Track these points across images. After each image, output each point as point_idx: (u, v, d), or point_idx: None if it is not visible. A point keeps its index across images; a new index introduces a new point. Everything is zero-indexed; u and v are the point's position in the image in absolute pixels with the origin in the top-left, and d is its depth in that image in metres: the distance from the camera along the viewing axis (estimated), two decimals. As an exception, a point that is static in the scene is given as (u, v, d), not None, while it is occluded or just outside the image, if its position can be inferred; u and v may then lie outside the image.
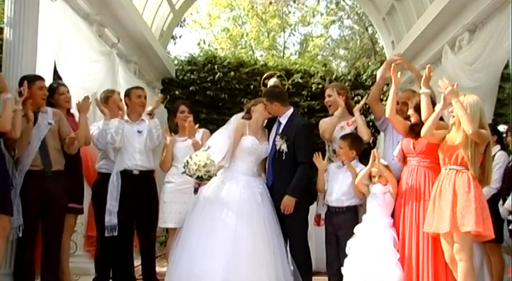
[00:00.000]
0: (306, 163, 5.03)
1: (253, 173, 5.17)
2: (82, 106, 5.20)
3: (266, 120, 5.37)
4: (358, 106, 5.25)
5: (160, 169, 5.64)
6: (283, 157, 5.03)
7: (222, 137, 5.17)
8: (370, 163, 4.74)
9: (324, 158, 5.21)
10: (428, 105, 4.46)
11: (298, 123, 5.18)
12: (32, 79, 4.78)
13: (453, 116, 4.31)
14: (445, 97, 4.26)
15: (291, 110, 5.28)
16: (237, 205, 4.90)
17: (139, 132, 5.41)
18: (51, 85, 5.23)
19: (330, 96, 5.38)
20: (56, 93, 5.20)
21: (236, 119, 5.33)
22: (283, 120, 5.19)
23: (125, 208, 5.20)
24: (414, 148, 4.61)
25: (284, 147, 5.02)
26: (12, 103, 4.43)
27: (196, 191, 5.06)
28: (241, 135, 5.15)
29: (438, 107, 4.36)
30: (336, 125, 5.22)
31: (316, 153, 5.10)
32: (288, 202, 4.93)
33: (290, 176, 4.99)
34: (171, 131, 5.76)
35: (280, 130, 5.13)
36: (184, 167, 4.89)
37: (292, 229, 5.04)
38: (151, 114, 5.49)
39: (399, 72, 4.65)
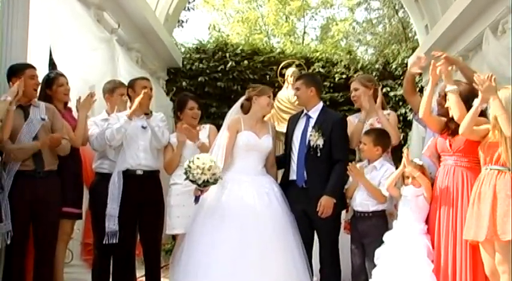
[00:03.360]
0: (343, 160, 5.00)
1: (257, 172, 5.14)
2: (84, 105, 5.21)
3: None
4: (377, 105, 5.24)
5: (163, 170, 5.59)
6: (318, 154, 5.00)
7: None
8: (402, 164, 4.71)
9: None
10: (459, 103, 4.43)
11: (334, 117, 5.19)
12: (21, 68, 4.78)
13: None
14: (483, 94, 4.20)
15: (321, 103, 5.27)
16: (239, 210, 4.86)
17: (143, 128, 5.37)
18: (48, 75, 5.23)
19: (356, 90, 5.41)
20: (54, 85, 5.17)
21: (230, 115, 5.34)
22: (313, 114, 5.17)
23: (126, 212, 5.18)
24: (451, 145, 4.57)
25: (320, 142, 4.99)
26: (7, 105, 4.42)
27: (197, 200, 4.98)
28: (237, 132, 5.15)
29: (476, 102, 4.30)
30: (361, 131, 5.20)
31: (350, 164, 4.94)
32: (327, 203, 4.88)
33: (326, 175, 4.97)
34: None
35: (313, 124, 5.11)
36: (186, 173, 4.79)
37: (323, 236, 5.04)
38: (148, 114, 5.46)
39: (438, 69, 4.56)
